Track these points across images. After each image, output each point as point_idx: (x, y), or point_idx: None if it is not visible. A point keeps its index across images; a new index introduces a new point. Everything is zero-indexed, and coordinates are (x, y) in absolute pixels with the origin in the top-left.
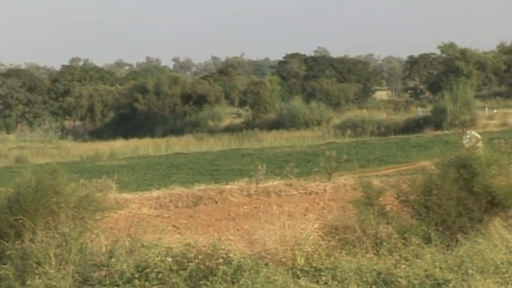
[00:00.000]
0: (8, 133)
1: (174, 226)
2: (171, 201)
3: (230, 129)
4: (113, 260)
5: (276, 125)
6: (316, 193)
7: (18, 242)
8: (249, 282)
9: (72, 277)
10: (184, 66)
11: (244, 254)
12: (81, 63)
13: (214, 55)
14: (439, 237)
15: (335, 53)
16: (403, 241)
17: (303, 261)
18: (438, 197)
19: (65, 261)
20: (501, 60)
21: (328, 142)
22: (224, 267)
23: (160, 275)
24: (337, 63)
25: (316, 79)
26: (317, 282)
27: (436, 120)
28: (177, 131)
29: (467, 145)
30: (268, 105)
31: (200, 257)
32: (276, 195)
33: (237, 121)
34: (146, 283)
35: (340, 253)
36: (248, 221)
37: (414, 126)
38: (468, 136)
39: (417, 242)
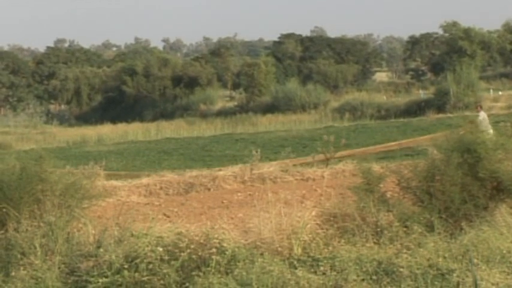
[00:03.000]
0: None
1: (164, 214)
2: (161, 188)
3: (223, 113)
4: (101, 250)
5: (271, 109)
6: (314, 179)
7: (2, 232)
8: (244, 273)
9: (59, 268)
10: (175, 47)
11: (239, 243)
12: (66, 45)
13: (206, 35)
14: (442, 225)
15: (332, 32)
16: (405, 229)
17: (300, 250)
18: (441, 183)
19: (50, 251)
20: (507, 40)
21: (325, 126)
22: (217, 257)
23: (150, 266)
24: (335, 43)
25: (313, 60)
26: (315, 272)
27: (439, 103)
28: (168, 115)
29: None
30: (262, 88)
31: (192, 246)
32: (272, 182)
33: (230, 104)
34: (136, 274)
35: (338, 242)
36: (242, 209)
37: (416, 109)
38: (481, 117)
39: (419, 230)
